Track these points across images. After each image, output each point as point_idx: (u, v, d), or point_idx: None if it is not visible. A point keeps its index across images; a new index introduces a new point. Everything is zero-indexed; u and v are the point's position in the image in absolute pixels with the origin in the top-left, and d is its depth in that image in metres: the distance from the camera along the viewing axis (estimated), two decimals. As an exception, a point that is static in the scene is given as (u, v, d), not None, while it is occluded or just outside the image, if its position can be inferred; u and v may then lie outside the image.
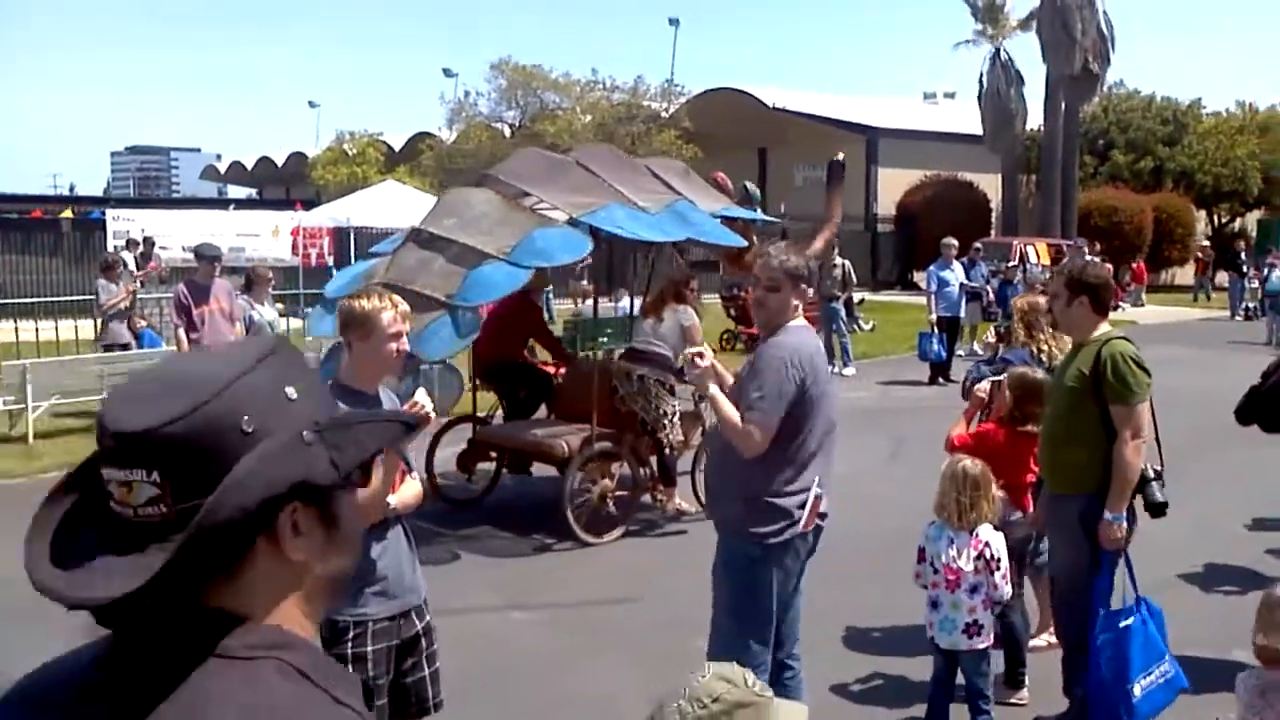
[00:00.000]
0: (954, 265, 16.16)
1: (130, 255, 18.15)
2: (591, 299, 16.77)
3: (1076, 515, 4.53)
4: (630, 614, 6.43)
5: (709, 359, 4.39)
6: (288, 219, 23.75)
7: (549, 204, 7.85)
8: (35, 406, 10.90)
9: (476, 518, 8.39)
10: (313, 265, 22.58)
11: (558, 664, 5.72)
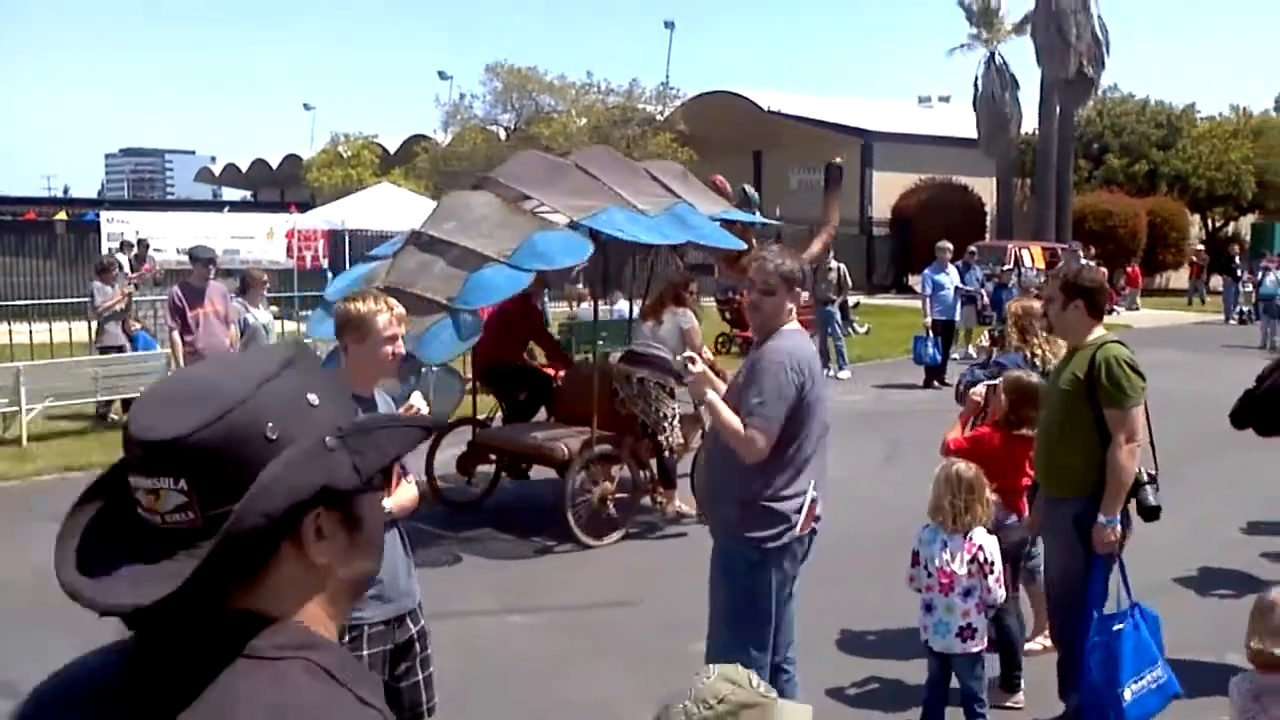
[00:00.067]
0: (949, 269, 16.18)
1: (124, 257, 18.10)
2: (586, 302, 16.87)
3: (1071, 519, 4.54)
4: (630, 617, 6.43)
5: (700, 365, 4.39)
6: (282, 221, 23.76)
7: (549, 207, 7.85)
8: (29, 409, 10.86)
9: (476, 520, 8.40)
10: (307, 268, 22.57)
11: (557, 667, 5.71)
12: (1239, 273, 26.96)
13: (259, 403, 1.11)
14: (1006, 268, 21.52)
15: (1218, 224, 39.80)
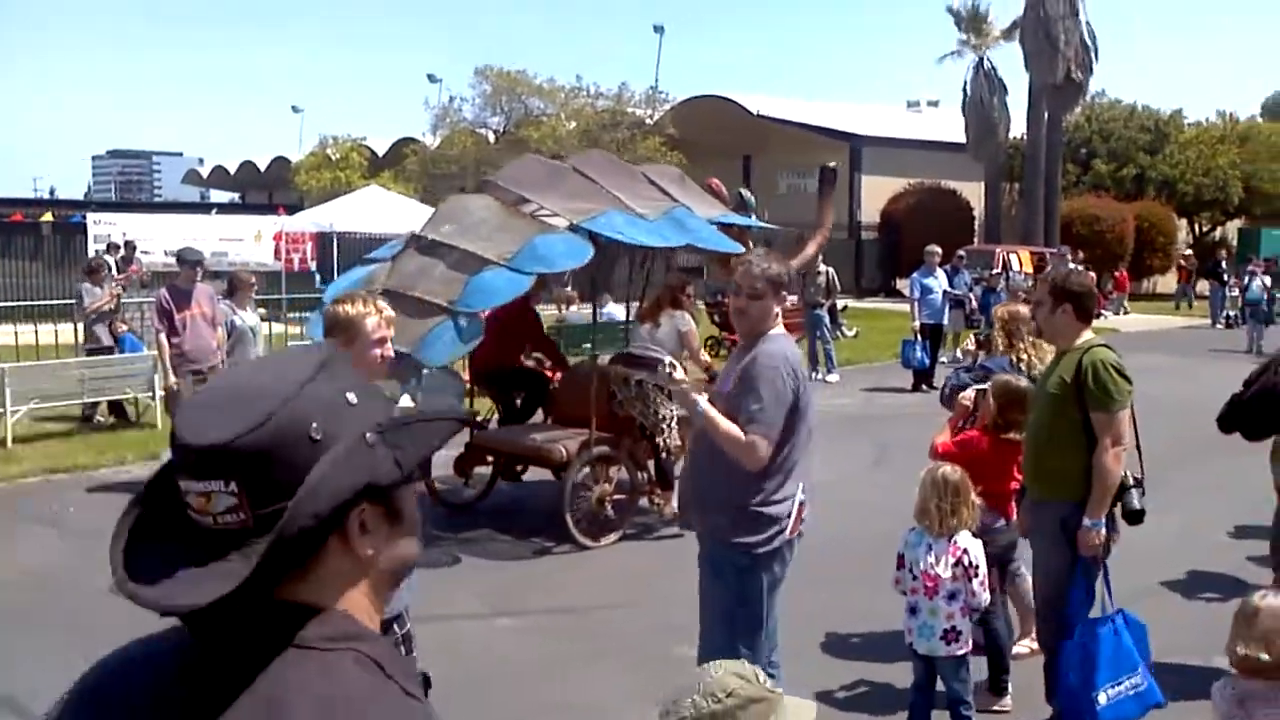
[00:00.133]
0: (937, 273, 16.22)
1: (111, 259, 18.04)
2: (574, 305, 16.87)
3: (1058, 522, 4.55)
4: (628, 618, 6.43)
5: (681, 373, 4.37)
6: (270, 224, 23.72)
7: (548, 210, 7.87)
8: (14, 411, 10.82)
9: (474, 521, 8.41)
10: (295, 270, 22.53)
11: (554, 669, 5.71)
12: (1225, 277, 27.07)
13: (302, 404, 1.15)
14: (995, 272, 21.58)
15: (1205, 229, 39.97)
